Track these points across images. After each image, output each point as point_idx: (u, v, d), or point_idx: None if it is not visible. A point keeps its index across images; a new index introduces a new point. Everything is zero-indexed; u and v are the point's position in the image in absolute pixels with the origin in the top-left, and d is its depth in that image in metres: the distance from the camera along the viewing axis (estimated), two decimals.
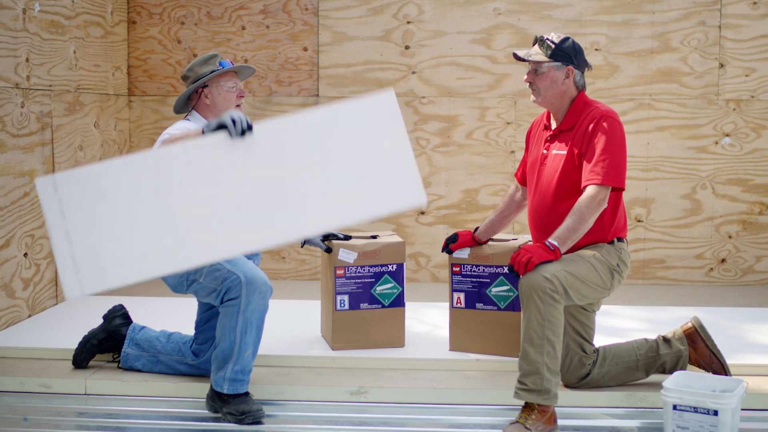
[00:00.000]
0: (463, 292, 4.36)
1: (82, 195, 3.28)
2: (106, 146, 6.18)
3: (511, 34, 6.34)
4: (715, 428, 3.38)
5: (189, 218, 3.27)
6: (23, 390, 4.06)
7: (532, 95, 3.86)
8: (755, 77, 6.22)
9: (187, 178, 3.31)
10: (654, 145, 6.31)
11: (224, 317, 3.75)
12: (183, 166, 3.31)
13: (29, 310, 5.10)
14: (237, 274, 3.74)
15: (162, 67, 6.57)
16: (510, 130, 6.38)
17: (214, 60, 4.06)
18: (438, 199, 6.47)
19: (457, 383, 4.05)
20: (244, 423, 3.69)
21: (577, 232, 3.60)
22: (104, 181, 3.29)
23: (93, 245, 3.23)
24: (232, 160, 3.33)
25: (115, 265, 3.23)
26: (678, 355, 3.94)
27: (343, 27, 6.44)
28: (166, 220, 3.26)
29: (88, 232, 3.24)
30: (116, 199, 3.28)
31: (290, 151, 3.37)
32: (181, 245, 3.26)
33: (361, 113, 3.43)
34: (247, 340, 3.72)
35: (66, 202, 3.27)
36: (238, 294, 3.71)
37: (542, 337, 3.48)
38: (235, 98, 4.06)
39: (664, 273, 6.39)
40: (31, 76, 5.13)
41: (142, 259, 3.25)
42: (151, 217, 3.26)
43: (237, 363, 3.71)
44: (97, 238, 3.24)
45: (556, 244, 3.57)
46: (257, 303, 3.73)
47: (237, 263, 3.79)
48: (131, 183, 3.30)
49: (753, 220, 6.31)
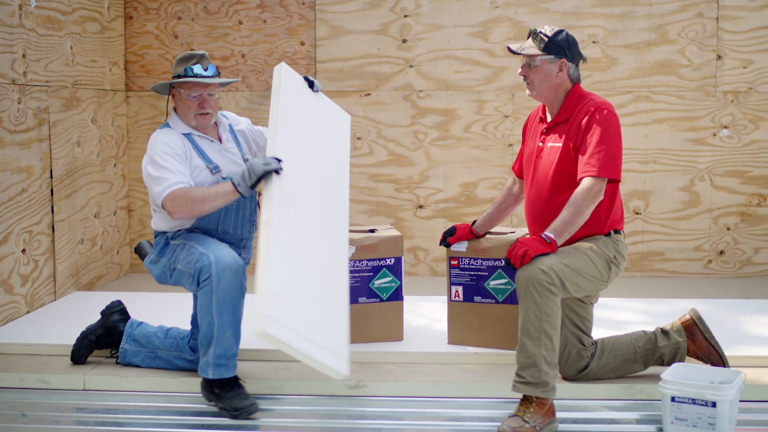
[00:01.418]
0: (462, 286, 4.36)
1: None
2: (104, 142, 6.17)
3: (509, 27, 6.33)
4: (713, 420, 3.38)
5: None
6: (22, 386, 4.06)
7: (527, 89, 3.86)
8: (753, 69, 6.22)
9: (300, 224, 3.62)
10: (652, 138, 6.30)
11: (200, 300, 3.77)
12: (296, 222, 3.58)
13: (27, 306, 5.10)
14: (207, 254, 3.77)
15: (159, 63, 6.56)
16: (508, 123, 6.38)
17: (188, 63, 4.00)
18: (436, 192, 6.47)
19: (456, 377, 4.05)
20: (239, 419, 3.69)
21: (573, 224, 3.60)
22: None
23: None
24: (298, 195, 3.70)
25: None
26: (676, 347, 3.94)
27: (340, 21, 6.43)
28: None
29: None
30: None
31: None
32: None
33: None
34: (223, 321, 3.72)
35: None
36: (209, 274, 3.73)
37: (539, 330, 3.48)
38: (195, 107, 4.00)
39: (662, 265, 6.39)
40: (27, 72, 5.12)
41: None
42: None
43: (218, 346, 3.71)
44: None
45: (553, 236, 3.57)
46: (228, 281, 3.73)
47: (209, 245, 3.82)
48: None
49: (751, 212, 6.31)
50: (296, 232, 3.56)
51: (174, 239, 4.00)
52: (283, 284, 3.31)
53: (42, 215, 5.27)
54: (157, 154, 3.87)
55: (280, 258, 3.35)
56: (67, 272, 5.60)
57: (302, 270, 3.51)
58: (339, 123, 4.28)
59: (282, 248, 3.39)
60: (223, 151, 4.07)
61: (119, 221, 6.46)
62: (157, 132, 4.03)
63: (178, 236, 3.99)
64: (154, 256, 4.06)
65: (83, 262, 5.84)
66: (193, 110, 4.00)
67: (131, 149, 6.60)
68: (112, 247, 6.32)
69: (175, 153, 3.89)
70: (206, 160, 3.98)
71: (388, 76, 6.43)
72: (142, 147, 6.54)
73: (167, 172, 3.81)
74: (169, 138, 3.95)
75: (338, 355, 3.41)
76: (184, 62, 4.01)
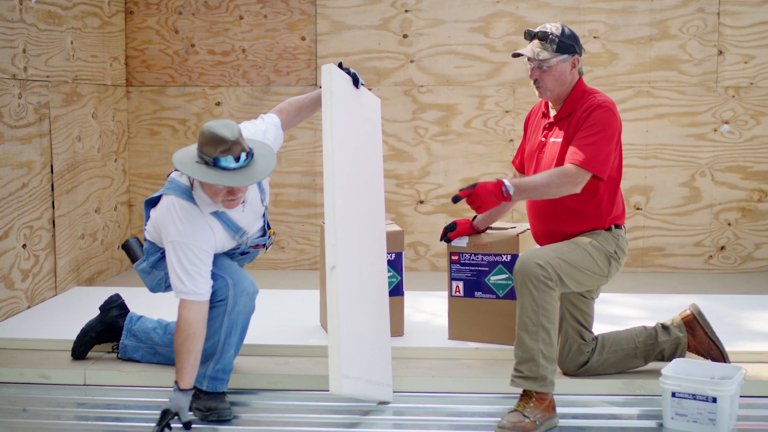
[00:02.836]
0: (462, 281, 4.36)
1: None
2: (104, 137, 6.17)
3: (510, 23, 6.33)
4: (713, 415, 3.38)
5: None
6: (22, 381, 4.06)
7: (537, 91, 3.78)
8: (754, 64, 6.21)
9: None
10: (653, 133, 6.30)
11: (210, 319, 3.68)
12: (354, 256, 3.65)
13: (28, 302, 5.10)
14: (224, 277, 3.68)
15: (160, 58, 6.55)
16: (508, 118, 6.37)
17: (216, 149, 3.40)
18: (437, 188, 6.46)
19: (456, 372, 4.05)
20: (208, 420, 3.61)
21: (537, 192, 3.58)
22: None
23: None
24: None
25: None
26: (677, 342, 3.94)
27: (341, 16, 6.42)
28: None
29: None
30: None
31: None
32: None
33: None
34: (230, 341, 3.70)
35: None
36: (224, 296, 3.66)
37: (537, 324, 3.47)
38: (224, 194, 3.53)
39: (663, 261, 6.39)
40: (28, 67, 5.12)
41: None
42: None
43: (219, 362, 3.69)
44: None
45: (512, 192, 3.55)
46: (243, 305, 3.70)
47: (222, 266, 3.71)
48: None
49: (752, 208, 6.30)
50: (355, 268, 3.61)
51: None
52: (353, 338, 3.42)
53: (42, 210, 5.27)
54: (198, 248, 3.57)
55: (349, 311, 3.43)
56: (68, 267, 5.60)
57: (362, 311, 3.62)
58: (374, 111, 4.16)
59: (350, 299, 3.46)
60: (246, 210, 3.79)
61: (120, 216, 6.46)
62: (186, 210, 3.60)
63: None
64: (147, 266, 3.89)
65: (84, 257, 5.84)
66: (220, 196, 3.54)
67: (132, 144, 6.60)
68: (112, 243, 6.32)
69: (208, 254, 3.61)
70: (233, 230, 3.74)
71: (388, 71, 6.42)
72: (142, 142, 6.55)
73: (199, 277, 3.57)
74: (203, 228, 3.61)
75: (386, 384, 3.72)
76: (212, 146, 3.40)
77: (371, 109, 4.14)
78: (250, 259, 4.06)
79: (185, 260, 3.56)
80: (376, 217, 3.99)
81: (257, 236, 3.94)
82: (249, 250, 3.91)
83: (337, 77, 3.67)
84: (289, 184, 6.51)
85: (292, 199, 6.53)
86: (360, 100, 3.96)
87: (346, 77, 3.82)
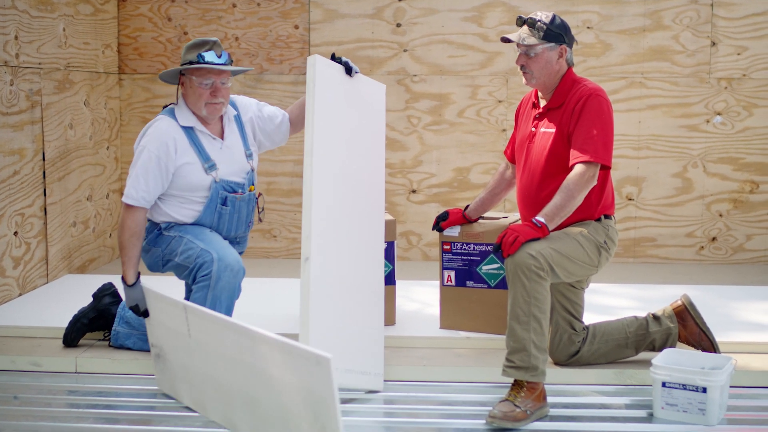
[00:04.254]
0: (454, 270, 4.37)
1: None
2: (97, 125, 6.15)
3: (503, 12, 6.32)
4: (703, 405, 3.39)
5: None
6: (14, 368, 4.06)
7: (524, 78, 3.82)
8: (747, 56, 6.21)
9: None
10: (645, 124, 6.30)
11: (195, 294, 3.79)
12: (335, 241, 3.67)
13: (19, 289, 5.10)
14: (210, 251, 3.77)
15: (152, 45, 6.53)
16: (501, 108, 6.37)
17: (200, 49, 3.92)
18: (429, 177, 6.46)
19: (448, 361, 4.06)
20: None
21: (565, 210, 3.60)
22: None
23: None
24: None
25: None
26: (667, 332, 3.95)
27: (334, 4, 6.41)
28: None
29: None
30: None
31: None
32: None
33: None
34: None
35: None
36: (209, 270, 3.74)
37: (528, 314, 3.48)
38: (207, 96, 3.92)
39: (654, 251, 6.40)
40: (20, 54, 5.10)
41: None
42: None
43: None
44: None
45: (544, 221, 3.57)
46: (227, 281, 3.74)
47: (211, 241, 3.81)
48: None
49: (744, 199, 6.32)
50: (336, 259, 3.61)
51: (167, 230, 3.98)
52: (324, 327, 3.42)
53: (34, 198, 5.26)
54: (146, 154, 3.88)
55: (320, 301, 3.43)
56: (60, 255, 5.59)
57: (342, 297, 3.60)
58: (375, 98, 4.16)
59: (326, 290, 3.46)
60: (224, 148, 4.02)
61: (112, 204, 6.45)
62: (159, 121, 3.97)
63: (172, 228, 3.98)
64: (146, 245, 4.05)
65: (76, 244, 5.83)
66: (204, 99, 3.92)
67: (124, 132, 6.58)
68: (104, 230, 6.31)
69: (158, 165, 3.87)
70: (203, 157, 3.95)
71: (381, 60, 6.41)
72: (135, 130, 6.52)
73: (141, 181, 3.86)
74: (166, 135, 3.90)
75: (374, 373, 3.71)
76: (195, 48, 3.92)
77: (372, 96, 4.12)
78: (243, 244, 4.16)
79: (140, 163, 3.87)
80: (372, 204, 3.99)
81: (232, 180, 4.03)
82: (240, 235, 4.02)
83: (322, 68, 3.68)
84: (281, 172, 6.50)
85: (285, 188, 6.52)
86: (356, 88, 3.94)
87: (336, 67, 3.83)
